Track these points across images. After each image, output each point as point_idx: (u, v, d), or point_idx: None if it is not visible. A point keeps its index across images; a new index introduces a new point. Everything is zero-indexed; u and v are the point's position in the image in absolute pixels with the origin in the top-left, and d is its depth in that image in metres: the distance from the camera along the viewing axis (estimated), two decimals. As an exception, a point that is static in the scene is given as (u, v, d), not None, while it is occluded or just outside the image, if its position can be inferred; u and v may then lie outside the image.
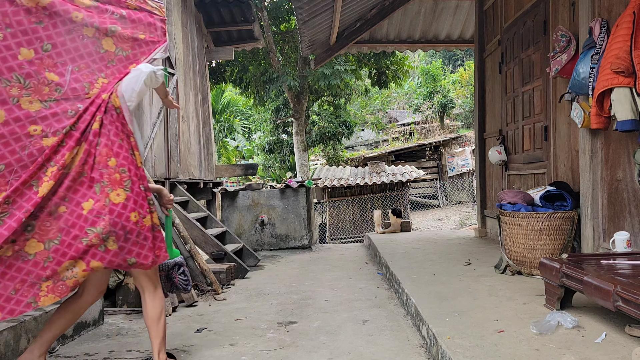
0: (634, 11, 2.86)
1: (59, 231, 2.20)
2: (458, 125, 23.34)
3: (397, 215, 7.95)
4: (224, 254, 5.17)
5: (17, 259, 2.14)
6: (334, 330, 3.13)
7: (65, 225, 2.21)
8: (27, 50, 2.16)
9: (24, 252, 2.16)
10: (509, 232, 3.90)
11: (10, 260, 2.13)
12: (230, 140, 21.66)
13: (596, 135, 3.54)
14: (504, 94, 5.60)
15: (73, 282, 2.24)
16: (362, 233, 12.69)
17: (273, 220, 7.21)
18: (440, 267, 4.34)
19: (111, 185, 2.30)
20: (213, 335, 3.15)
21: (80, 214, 2.23)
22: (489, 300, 3.13)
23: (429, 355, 2.62)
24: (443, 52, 12.00)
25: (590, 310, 2.73)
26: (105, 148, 2.32)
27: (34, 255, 2.17)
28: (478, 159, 6.56)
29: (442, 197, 19.65)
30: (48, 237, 2.18)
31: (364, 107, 22.93)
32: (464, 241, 6.05)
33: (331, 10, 6.31)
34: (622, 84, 2.88)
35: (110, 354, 2.84)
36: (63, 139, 2.23)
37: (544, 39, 4.57)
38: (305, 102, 14.38)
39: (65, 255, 2.21)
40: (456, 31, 8.40)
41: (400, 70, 13.40)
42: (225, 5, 6.95)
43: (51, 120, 2.20)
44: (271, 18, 12.68)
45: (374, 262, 5.87)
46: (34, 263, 2.16)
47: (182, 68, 6.24)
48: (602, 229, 3.53)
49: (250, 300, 4.11)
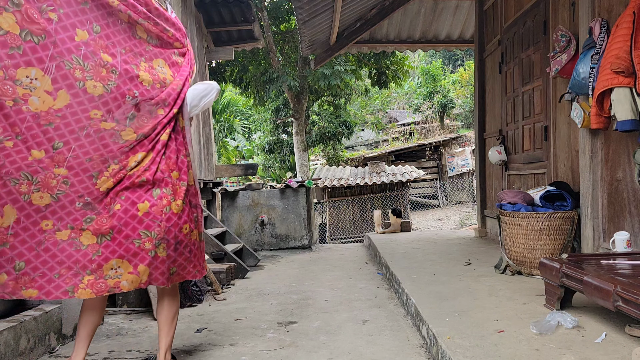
0: (634, 11, 2.86)
1: (111, 228, 2.22)
2: (458, 125, 23.34)
3: (397, 215, 7.95)
4: (224, 254, 5.17)
5: (70, 246, 2.17)
6: (334, 330, 3.13)
7: (119, 223, 2.22)
8: (81, 31, 2.14)
9: (79, 241, 2.19)
10: (509, 232, 3.90)
11: (64, 245, 2.17)
12: (230, 140, 21.65)
13: (596, 135, 3.54)
14: (504, 94, 5.60)
15: (114, 282, 2.23)
16: (362, 233, 12.69)
17: (273, 220, 7.21)
18: (440, 267, 4.34)
19: (174, 195, 2.35)
20: (213, 335, 3.15)
21: (134, 214, 2.25)
22: (489, 300, 3.13)
23: (429, 355, 2.62)
24: (443, 52, 12.00)
25: (590, 310, 2.73)
26: (170, 160, 2.39)
27: (86, 247, 2.19)
28: (478, 159, 6.56)
29: (442, 197, 19.66)
30: (101, 231, 2.20)
31: (364, 107, 22.94)
32: (464, 241, 6.05)
33: (331, 10, 6.31)
34: (622, 84, 2.88)
35: (110, 354, 2.84)
36: (134, 144, 2.27)
37: (544, 39, 4.57)
38: (305, 102, 14.39)
39: (115, 252, 2.22)
40: (456, 31, 8.40)
41: (400, 70, 13.40)
42: (225, 5, 6.94)
43: (111, 106, 2.21)
44: (271, 18, 12.68)
45: (374, 262, 5.87)
46: (84, 254, 2.19)
47: (182, 68, 6.24)
48: (602, 229, 3.53)
49: (250, 300, 4.11)
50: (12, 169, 2.05)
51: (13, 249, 2.10)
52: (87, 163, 2.18)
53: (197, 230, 2.51)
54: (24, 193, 2.08)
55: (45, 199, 2.12)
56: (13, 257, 2.10)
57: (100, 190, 2.20)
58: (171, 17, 2.51)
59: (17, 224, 2.09)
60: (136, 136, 2.27)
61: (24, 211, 2.10)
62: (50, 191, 2.13)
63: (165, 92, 2.37)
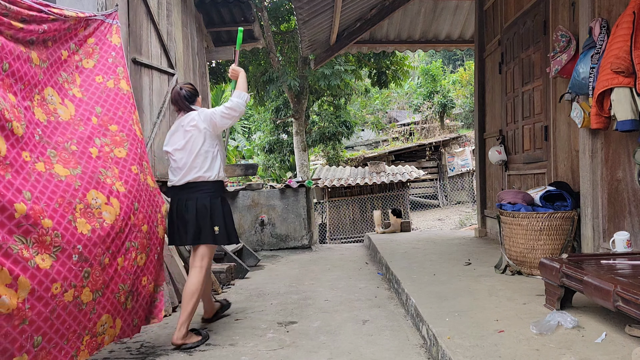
0: (634, 11, 2.86)
1: (103, 283, 2.22)
2: (458, 125, 23.33)
3: (397, 215, 7.95)
4: (224, 254, 5.17)
5: (75, 307, 2.10)
6: (334, 330, 3.13)
7: (107, 277, 2.23)
8: None
9: (81, 300, 2.12)
10: (509, 232, 3.90)
11: (71, 307, 2.08)
12: (230, 140, 21.66)
13: (596, 135, 3.54)
14: (504, 94, 5.60)
15: (101, 339, 2.23)
16: (362, 233, 12.69)
17: (273, 220, 7.20)
18: (440, 267, 4.34)
19: (141, 248, 2.44)
20: (213, 335, 3.15)
21: (116, 268, 2.29)
22: (489, 300, 3.13)
23: (429, 355, 2.62)
24: (443, 52, 12.00)
25: (590, 310, 2.73)
26: (142, 214, 2.50)
27: (85, 305, 2.14)
28: (478, 159, 6.56)
29: (442, 197, 19.65)
30: (96, 287, 2.18)
31: (364, 107, 22.94)
32: (464, 241, 6.05)
33: (331, 10, 6.31)
34: (622, 84, 2.88)
35: (111, 354, 2.84)
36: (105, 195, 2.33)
37: (544, 39, 4.57)
38: (305, 102, 14.38)
39: (105, 308, 2.22)
40: (456, 31, 8.40)
41: (400, 70, 13.40)
42: (225, 5, 6.94)
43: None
44: (271, 18, 12.67)
45: (374, 262, 5.87)
46: (84, 313, 2.13)
47: (182, 68, 6.24)
48: (602, 229, 3.53)
49: (250, 300, 4.11)
50: (4, 234, 1.87)
51: (32, 324, 1.95)
52: (59, 208, 2.09)
53: (154, 282, 2.64)
54: (29, 259, 1.93)
55: (47, 262, 2.00)
56: (32, 334, 1.95)
57: (84, 234, 2.15)
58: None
59: (31, 295, 1.93)
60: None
61: (35, 279, 1.95)
62: (48, 251, 2.01)
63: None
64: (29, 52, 2.26)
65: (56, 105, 2.40)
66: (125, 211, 2.42)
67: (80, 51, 2.76)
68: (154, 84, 5.47)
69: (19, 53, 2.17)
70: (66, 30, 2.61)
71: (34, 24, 2.28)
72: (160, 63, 5.62)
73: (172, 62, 5.86)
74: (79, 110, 2.54)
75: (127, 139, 2.72)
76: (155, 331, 3.27)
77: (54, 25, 2.46)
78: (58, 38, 2.57)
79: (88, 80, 2.71)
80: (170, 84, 5.82)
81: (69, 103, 2.49)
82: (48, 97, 2.36)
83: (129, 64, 4.94)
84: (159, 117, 5.52)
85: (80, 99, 2.59)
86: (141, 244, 2.48)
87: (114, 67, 2.94)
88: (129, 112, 2.86)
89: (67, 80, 2.57)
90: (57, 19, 2.49)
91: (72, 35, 2.71)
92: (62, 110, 2.42)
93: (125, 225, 2.40)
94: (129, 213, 2.45)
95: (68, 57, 2.63)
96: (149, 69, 5.35)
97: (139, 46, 5.18)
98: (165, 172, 5.61)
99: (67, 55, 2.62)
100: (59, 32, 2.54)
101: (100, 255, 2.22)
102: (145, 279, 2.51)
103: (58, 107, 2.40)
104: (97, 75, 2.80)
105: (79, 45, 2.76)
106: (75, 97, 2.57)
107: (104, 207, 2.31)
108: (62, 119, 2.39)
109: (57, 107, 2.40)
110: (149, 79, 5.38)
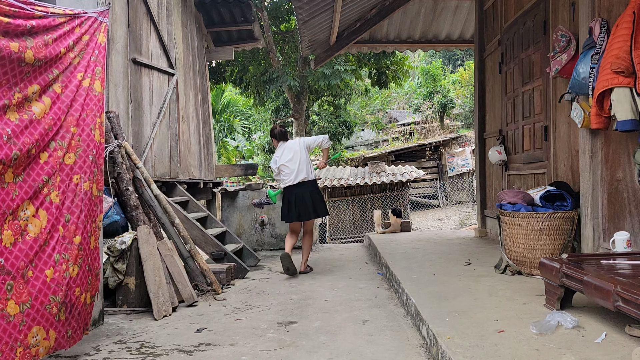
0: (634, 11, 2.86)
1: (29, 295, 2.23)
2: (458, 125, 23.33)
3: (397, 215, 7.94)
4: (224, 254, 5.17)
5: (2, 319, 2.11)
6: (334, 330, 3.13)
7: (33, 289, 2.24)
8: None
9: (7, 312, 2.13)
10: (509, 232, 3.90)
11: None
12: (230, 140, 21.66)
13: (596, 135, 3.54)
14: (504, 94, 5.60)
15: (35, 350, 2.24)
16: (362, 233, 12.69)
17: (273, 220, 7.20)
18: (440, 267, 4.34)
19: (72, 260, 2.47)
20: (213, 335, 3.15)
21: (44, 280, 2.30)
22: (489, 300, 3.13)
23: (429, 355, 2.62)
24: (443, 52, 11.98)
25: (590, 310, 2.73)
26: (74, 226, 2.50)
27: (13, 317, 2.16)
28: (478, 159, 6.56)
29: (442, 197, 19.65)
30: (22, 299, 2.19)
31: (364, 107, 22.93)
32: (464, 241, 6.05)
33: (331, 10, 6.30)
34: (622, 84, 2.88)
35: (111, 354, 2.84)
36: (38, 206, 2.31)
37: (544, 39, 4.57)
38: (305, 102, 14.37)
39: (35, 320, 2.24)
40: (456, 31, 8.40)
41: (400, 70, 13.39)
42: (225, 5, 6.94)
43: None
44: (271, 18, 12.67)
45: (374, 262, 5.87)
46: (13, 325, 2.15)
47: (182, 68, 6.24)
48: (602, 229, 3.53)
49: (250, 300, 4.11)
50: None
51: None
52: None
53: (86, 293, 2.65)
54: None
55: None
56: None
57: (6, 247, 2.14)
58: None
59: None
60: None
61: None
62: None
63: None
64: (22, 53, 2.27)
65: (32, 103, 2.40)
66: (52, 223, 2.42)
67: (76, 48, 2.77)
68: (154, 84, 5.47)
69: (6, 53, 2.18)
70: (63, 28, 2.61)
71: (19, 19, 2.28)
72: (160, 63, 5.62)
73: (172, 62, 5.87)
74: (53, 109, 2.54)
75: (81, 145, 2.73)
76: (155, 331, 3.28)
77: (42, 22, 2.46)
78: (58, 37, 2.57)
79: (70, 77, 2.72)
80: (170, 83, 5.82)
81: (46, 99, 2.49)
82: (30, 94, 2.37)
83: (129, 63, 4.94)
84: (159, 117, 5.52)
85: (58, 96, 2.60)
86: (72, 255, 2.49)
87: (93, 66, 2.94)
88: (94, 116, 2.86)
89: (57, 77, 2.58)
90: (45, 16, 2.49)
91: (70, 33, 2.71)
92: (37, 107, 2.42)
93: (51, 237, 2.39)
94: (57, 225, 2.44)
95: (64, 54, 2.64)
96: (149, 69, 5.35)
97: (139, 46, 5.18)
98: (165, 172, 5.63)
99: (64, 52, 2.63)
100: (54, 30, 2.54)
101: (23, 268, 2.22)
102: (78, 289, 2.52)
103: (34, 104, 2.41)
104: (79, 72, 2.81)
105: (76, 43, 2.76)
106: (54, 93, 2.57)
107: (30, 219, 2.31)
108: (36, 117, 2.40)
109: (33, 104, 2.40)
110: (149, 79, 5.38)
